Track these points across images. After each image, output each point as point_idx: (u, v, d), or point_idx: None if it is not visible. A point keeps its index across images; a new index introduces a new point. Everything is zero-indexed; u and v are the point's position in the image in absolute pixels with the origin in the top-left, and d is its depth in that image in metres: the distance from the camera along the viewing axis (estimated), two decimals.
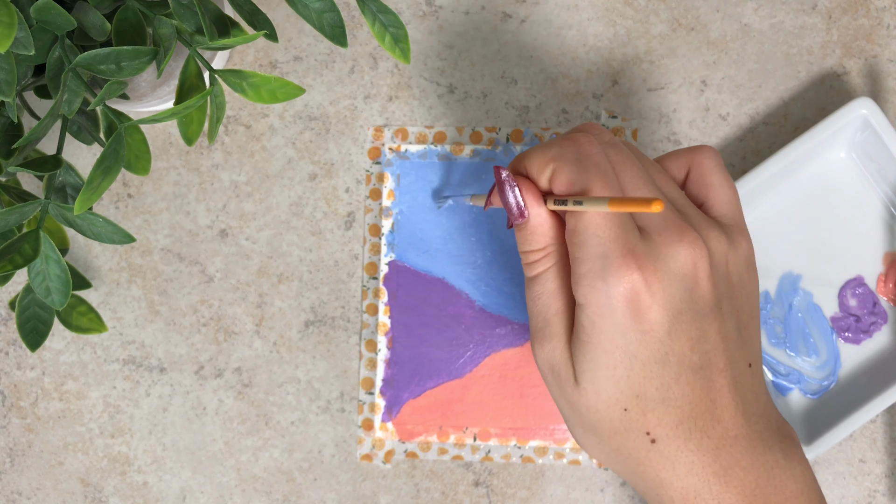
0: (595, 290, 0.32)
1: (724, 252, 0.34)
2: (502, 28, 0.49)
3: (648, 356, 0.33)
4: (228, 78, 0.36)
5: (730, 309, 0.34)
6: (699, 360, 0.33)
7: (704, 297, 0.33)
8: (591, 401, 0.34)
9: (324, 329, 0.48)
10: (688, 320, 0.33)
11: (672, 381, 0.33)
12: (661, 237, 0.33)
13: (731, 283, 0.34)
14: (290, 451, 0.48)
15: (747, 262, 0.35)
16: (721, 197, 0.36)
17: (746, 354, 0.35)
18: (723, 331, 0.34)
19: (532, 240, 0.35)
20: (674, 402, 0.33)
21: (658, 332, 0.32)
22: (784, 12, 0.48)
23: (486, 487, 0.47)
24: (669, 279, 0.32)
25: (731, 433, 0.34)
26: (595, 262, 0.32)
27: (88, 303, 0.45)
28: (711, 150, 0.37)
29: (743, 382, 0.34)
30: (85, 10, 0.35)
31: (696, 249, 0.32)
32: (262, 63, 0.49)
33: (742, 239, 0.35)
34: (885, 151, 0.45)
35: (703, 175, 0.36)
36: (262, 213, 0.49)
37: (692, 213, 0.35)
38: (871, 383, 0.45)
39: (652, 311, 0.32)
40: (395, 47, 0.36)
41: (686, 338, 0.33)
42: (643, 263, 0.32)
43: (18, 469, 0.49)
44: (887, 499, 0.47)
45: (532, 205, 0.34)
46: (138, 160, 0.36)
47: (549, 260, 0.35)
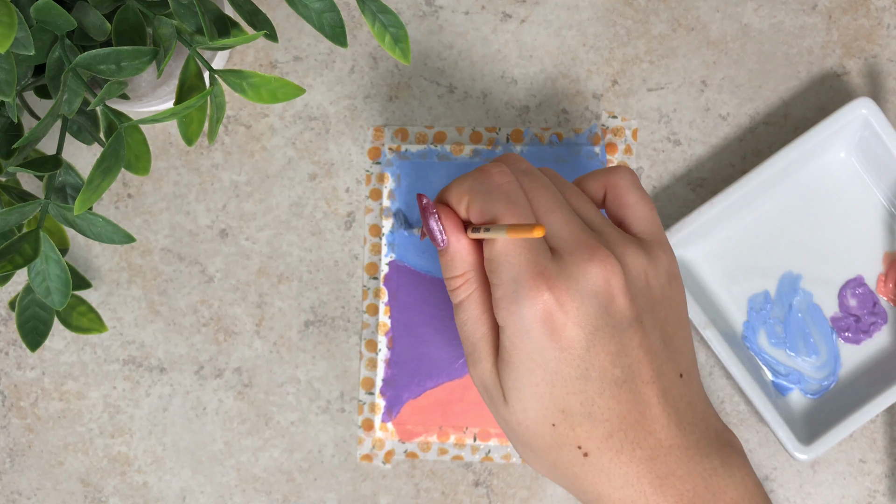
0: (511, 313, 0.34)
1: (642, 267, 0.35)
2: (502, 28, 0.49)
3: (569, 372, 0.34)
4: (228, 78, 0.36)
5: (652, 322, 0.35)
6: (622, 374, 0.34)
7: (621, 311, 0.34)
8: (520, 418, 0.35)
9: (324, 329, 0.48)
10: (606, 336, 0.33)
11: (596, 396, 0.34)
12: (573, 257, 0.34)
13: (651, 296, 0.35)
14: (290, 451, 0.48)
15: (669, 275, 0.36)
16: (638, 214, 0.37)
17: (675, 365, 0.35)
18: (645, 343, 0.34)
19: (452, 266, 0.36)
20: (600, 416, 0.34)
21: (576, 348, 0.33)
22: (784, 12, 0.48)
23: (486, 487, 0.48)
24: (582, 297, 0.33)
25: (665, 443, 0.34)
26: (509, 286, 0.34)
27: (88, 303, 0.45)
28: (626, 170, 0.38)
29: (674, 393, 0.35)
30: (85, 10, 0.35)
31: (608, 266, 0.33)
32: (262, 63, 0.49)
33: (662, 253, 0.36)
34: (885, 151, 0.45)
35: (618, 195, 0.37)
36: (262, 213, 0.49)
37: (609, 231, 0.36)
38: (871, 383, 0.45)
39: (567, 328, 0.33)
40: (395, 47, 0.36)
41: (605, 352, 0.34)
42: (554, 284, 0.33)
43: (18, 469, 0.49)
44: (887, 499, 0.47)
45: (451, 232, 0.36)
46: (138, 160, 0.36)
47: (469, 286, 0.36)
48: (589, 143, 0.48)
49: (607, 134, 0.48)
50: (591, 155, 0.48)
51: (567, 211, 0.35)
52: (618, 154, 0.48)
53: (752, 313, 0.47)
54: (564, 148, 0.48)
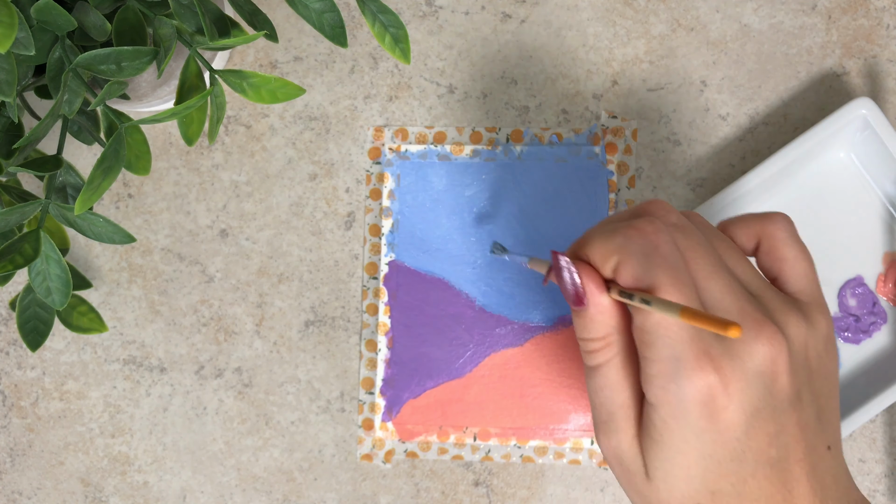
0: (668, 391, 0.31)
1: (803, 338, 0.32)
2: (502, 28, 0.49)
3: (725, 455, 0.31)
4: (229, 78, 0.36)
5: (809, 396, 0.33)
6: (777, 454, 0.32)
7: (783, 390, 0.31)
8: (663, 496, 0.32)
9: (324, 329, 0.48)
10: (766, 417, 0.31)
11: (749, 477, 0.32)
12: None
13: (810, 369, 0.33)
14: (291, 451, 0.48)
15: (826, 342, 0.34)
16: (796, 271, 0.34)
17: (825, 438, 0.33)
18: (802, 421, 0.32)
19: (592, 328, 0.33)
20: (750, 496, 0.32)
21: (735, 431, 0.31)
22: (784, 12, 0.48)
23: (486, 487, 0.48)
24: (747, 378, 0.31)
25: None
26: (667, 363, 0.31)
27: (89, 303, 0.45)
28: (784, 220, 0.35)
29: (821, 468, 0.33)
30: (85, 10, 0.35)
31: (776, 344, 0.31)
32: (263, 63, 0.49)
33: (821, 318, 0.33)
34: (885, 151, 0.45)
35: (775, 248, 0.34)
36: (263, 213, 0.49)
37: (769, 297, 0.33)
38: (871, 383, 0.45)
39: (728, 411, 0.31)
40: (395, 47, 0.36)
41: (764, 434, 0.31)
42: (719, 365, 0.30)
43: (19, 469, 0.49)
44: (887, 498, 0.47)
45: (593, 293, 0.32)
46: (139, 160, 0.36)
47: (610, 350, 0.33)
48: (589, 143, 0.48)
49: (607, 134, 0.48)
50: (591, 155, 0.48)
51: (727, 275, 0.32)
52: (618, 154, 0.48)
53: None
54: (564, 148, 0.48)
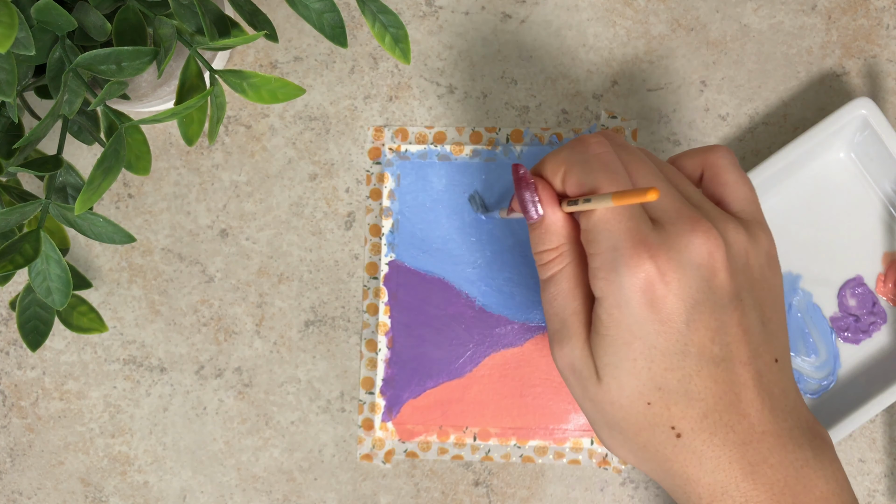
0: (609, 282, 0.32)
1: (742, 245, 0.34)
2: (502, 28, 0.49)
3: (668, 347, 0.32)
4: (229, 78, 0.36)
5: (751, 301, 0.34)
6: (720, 352, 0.33)
7: (723, 287, 0.32)
8: (614, 396, 0.33)
9: (324, 329, 0.48)
10: (706, 311, 0.32)
11: (694, 373, 0.33)
12: (675, 227, 0.32)
13: (751, 276, 0.34)
14: (291, 451, 0.48)
15: (769, 257, 0.35)
16: (737, 194, 0.36)
17: (772, 349, 0.34)
18: (744, 323, 0.33)
19: (546, 239, 0.35)
20: (697, 395, 0.33)
21: (676, 322, 0.32)
22: (783, 12, 0.48)
23: (486, 487, 0.48)
24: (684, 269, 0.32)
25: (758, 429, 0.33)
26: (608, 254, 0.32)
27: (89, 303, 0.45)
28: (725, 150, 0.37)
29: (769, 378, 0.34)
30: (85, 10, 0.35)
31: (711, 239, 0.32)
32: (263, 63, 0.49)
33: (762, 233, 0.35)
34: (885, 151, 0.45)
35: (717, 174, 0.36)
36: (263, 213, 0.49)
37: (709, 207, 0.34)
38: (871, 383, 0.45)
39: (668, 300, 0.32)
40: (395, 47, 0.36)
41: (705, 328, 0.32)
42: (655, 253, 0.32)
43: (19, 469, 0.49)
44: (886, 498, 0.47)
45: (547, 203, 0.35)
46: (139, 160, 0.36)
47: (563, 259, 0.35)
48: None
49: None
50: None
51: (667, 184, 0.34)
52: None
53: None
54: None
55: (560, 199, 0.35)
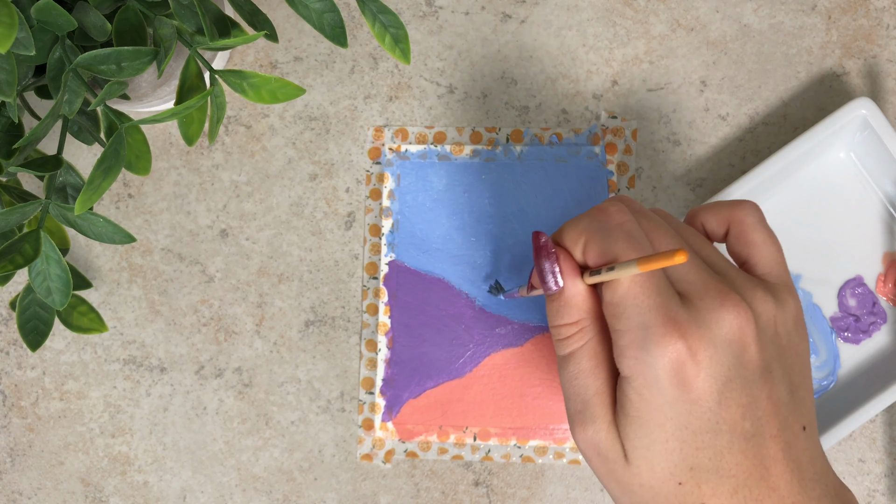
0: (639, 361, 0.31)
1: (771, 314, 0.33)
2: (502, 28, 0.49)
3: (700, 426, 0.32)
4: (229, 78, 0.36)
5: (780, 372, 0.33)
6: (751, 428, 0.32)
7: (753, 361, 0.32)
8: (644, 478, 0.33)
9: (324, 329, 0.48)
10: (737, 387, 0.32)
11: (725, 451, 0.32)
12: (703, 302, 0.32)
13: (780, 344, 0.33)
14: (291, 451, 0.48)
15: (796, 322, 0.34)
16: (764, 255, 0.35)
17: (799, 418, 0.34)
18: (774, 396, 0.33)
19: (566, 313, 0.34)
20: (728, 472, 0.32)
21: (708, 401, 0.31)
22: (784, 13, 0.48)
23: (486, 487, 0.48)
24: (715, 346, 0.31)
25: (788, 501, 0.33)
26: (636, 332, 0.31)
27: (89, 303, 0.45)
28: (752, 206, 0.36)
29: (797, 447, 0.33)
30: (85, 10, 0.35)
31: (741, 312, 0.32)
32: (263, 63, 0.49)
33: (789, 297, 0.34)
34: (885, 151, 0.45)
35: (744, 232, 0.35)
36: (263, 213, 0.49)
37: (734, 274, 0.34)
38: (871, 383, 0.45)
39: (699, 379, 0.31)
40: (395, 48, 0.36)
41: (737, 405, 0.32)
42: (686, 331, 0.31)
43: (19, 469, 0.49)
44: (886, 498, 0.47)
45: (568, 274, 0.34)
46: (139, 160, 0.36)
47: (583, 336, 0.34)
48: (589, 143, 0.48)
49: (607, 134, 0.48)
50: (590, 155, 0.48)
51: (691, 253, 0.33)
52: (617, 154, 0.48)
53: None
54: (564, 148, 0.48)
55: (581, 271, 0.34)
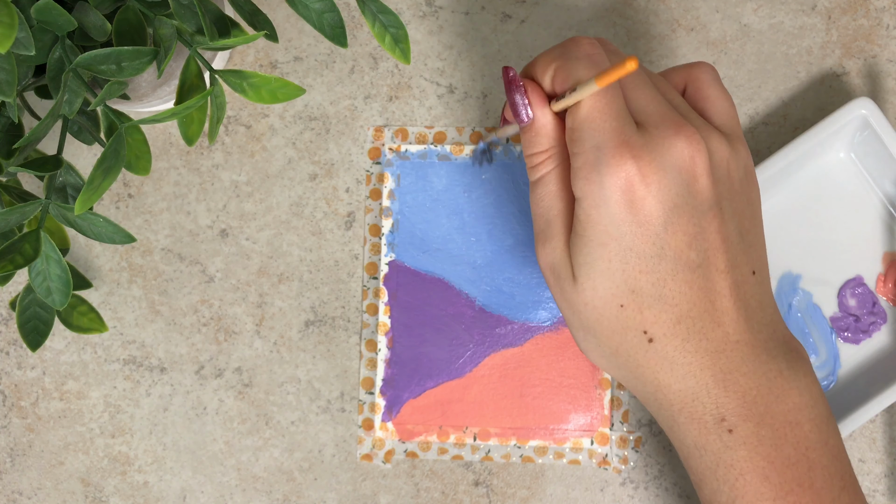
0: (590, 181, 0.32)
1: (724, 154, 0.33)
2: (502, 28, 0.49)
3: (644, 249, 0.32)
4: (229, 78, 0.36)
5: (731, 211, 0.34)
6: (697, 258, 0.33)
7: (703, 192, 0.32)
8: (588, 297, 0.33)
9: (324, 329, 0.48)
10: (685, 215, 0.32)
11: (668, 277, 0.32)
12: (658, 130, 0.32)
13: (731, 186, 0.34)
14: (291, 451, 0.48)
15: (747, 170, 0.35)
16: (718, 107, 0.36)
17: (749, 260, 0.34)
18: (723, 231, 0.33)
19: (536, 141, 0.35)
20: (671, 300, 0.33)
21: (653, 224, 0.32)
22: (783, 12, 0.48)
23: (486, 487, 0.48)
24: (665, 171, 0.32)
25: (732, 338, 0.33)
26: (590, 153, 0.32)
27: (89, 303, 0.45)
28: (707, 66, 0.37)
29: (745, 289, 0.34)
30: (85, 10, 0.35)
31: (694, 143, 0.32)
32: (263, 63, 0.49)
33: (741, 147, 0.35)
34: (885, 151, 0.45)
35: (699, 88, 0.36)
36: (263, 213, 0.49)
37: (694, 116, 0.34)
38: (871, 383, 0.45)
39: (647, 202, 0.32)
40: (396, 48, 0.36)
41: (683, 233, 0.32)
42: (638, 154, 0.32)
43: (19, 469, 0.49)
44: (887, 498, 0.47)
45: (537, 105, 0.34)
46: (139, 160, 0.36)
47: (551, 162, 0.35)
48: None
49: None
50: None
51: (654, 90, 0.34)
52: None
53: None
54: None
55: (550, 100, 0.35)
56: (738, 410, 0.33)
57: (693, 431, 0.34)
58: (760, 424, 0.33)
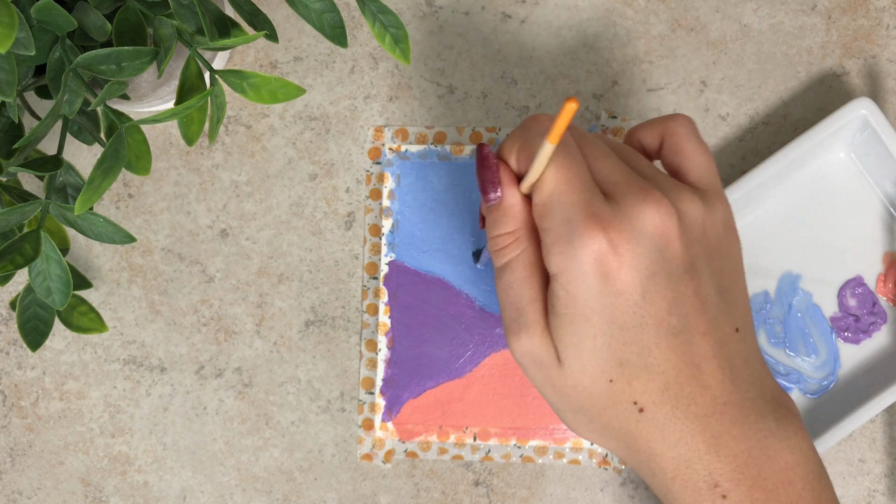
0: (564, 255, 0.32)
1: (698, 214, 0.33)
2: (502, 28, 0.49)
3: (625, 321, 0.32)
4: (229, 78, 0.36)
5: (708, 271, 0.34)
6: (678, 323, 0.33)
7: (677, 257, 0.32)
8: (577, 378, 0.33)
9: (324, 329, 0.48)
10: (662, 282, 0.32)
11: (652, 346, 0.32)
12: (625, 199, 0.32)
13: (707, 245, 0.34)
14: (291, 451, 0.48)
15: (725, 226, 0.35)
16: (695, 163, 0.36)
17: (731, 319, 0.34)
18: (701, 293, 0.33)
19: (503, 222, 0.35)
20: (657, 368, 0.33)
21: (632, 294, 0.32)
22: (783, 13, 0.48)
23: (486, 487, 0.48)
24: (637, 240, 0.32)
25: (720, 400, 0.33)
26: (561, 228, 0.32)
27: (89, 303, 0.45)
28: (684, 118, 0.36)
29: (729, 348, 0.34)
30: (85, 10, 0.35)
31: (663, 208, 0.32)
32: (263, 63, 0.49)
33: (719, 203, 0.35)
34: (885, 151, 0.45)
35: (676, 143, 0.36)
36: (263, 213, 0.49)
37: (662, 179, 0.34)
38: (871, 383, 0.45)
39: (622, 272, 0.32)
40: (396, 48, 0.36)
41: (662, 299, 0.32)
42: (607, 225, 0.32)
43: (19, 469, 0.49)
44: (886, 498, 0.47)
45: (506, 184, 0.35)
46: (139, 160, 0.36)
47: (518, 245, 0.34)
48: None
49: (607, 134, 0.48)
50: None
51: (616, 158, 0.34)
52: None
53: (752, 313, 0.47)
54: None
55: (519, 181, 0.35)
56: (731, 475, 0.33)
57: (688, 499, 0.34)
58: (753, 487, 0.33)
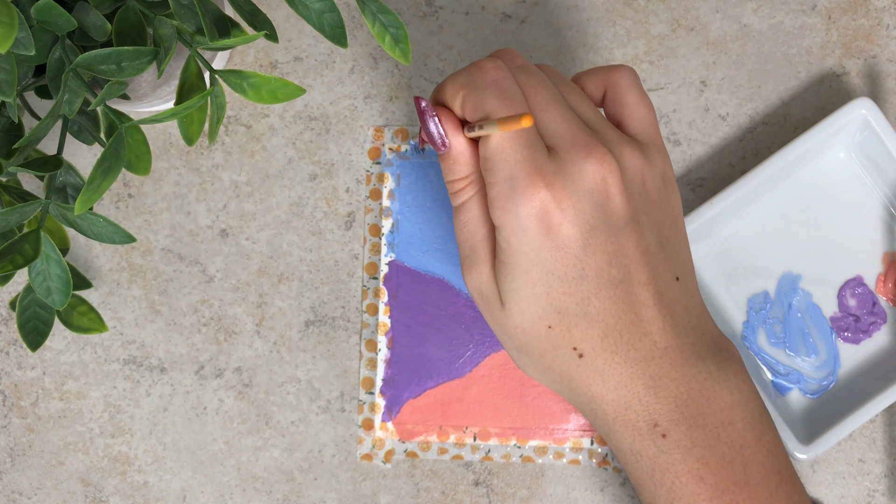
0: (507, 211, 0.33)
1: (638, 167, 0.34)
2: (502, 28, 0.49)
3: (565, 272, 0.33)
4: (229, 78, 0.36)
5: (649, 223, 0.34)
6: (618, 274, 0.34)
7: (618, 211, 0.33)
8: (517, 321, 0.34)
9: (324, 329, 0.48)
10: (603, 235, 0.33)
11: (592, 296, 0.33)
12: (569, 154, 0.33)
13: (648, 197, 0.35)
14: (291, 451, 0.48)
15: (665, 178, 0.36)
16: (636, 115, 0.36)
17: (672, 268, 0.35)
18: (642, 244, 0.34)
19: (455, 169, 0.35)
20: (596, 316, 0.34)
21: (572, 247, 0.33)
22: (784, 13, 0.48)
23: (486, 487, 0.48)
24: (579, 195, 0.33)
25: (660, 345, 0.34)
26: (504, 184, 0.33)
27: (89, 303, 0.45)
28: (628, 70, 0.37)
29: (669, 296, 0.35)
30: (85, 10, 0.35)
31: (605, 164, 0.33)
32: (263, 63, 0.49)
33: (658, 155, 0.35)
34: (885, 151, 0.45)
35: (618, 94, 0.36)
36: (263, 213, 0.49)
37: (606, 130, 0.35)
38: (871, 383, 0.45)
39: (563, 227, 0.33)
40: (396, 48, 0.36)
41: (602, 252, 0.33)
42: (551, 181, 0.33)
43: (19, 469, 0.49)
44: (886, 498, 0.47)
45: (451, 134, 0.35)
46: (139, 160, 0.36)
47: (472, 188, 0.35)
48: None
49: None
50: None
51: (564, 108, 0.35)
52: None
53: (752, 313, 0.47)
54: None
55: (463, 125, 0.35)
56: (670, 415, 0.34)
57: (628, 438, 0.35)
58: (693, 427, 0.34)
